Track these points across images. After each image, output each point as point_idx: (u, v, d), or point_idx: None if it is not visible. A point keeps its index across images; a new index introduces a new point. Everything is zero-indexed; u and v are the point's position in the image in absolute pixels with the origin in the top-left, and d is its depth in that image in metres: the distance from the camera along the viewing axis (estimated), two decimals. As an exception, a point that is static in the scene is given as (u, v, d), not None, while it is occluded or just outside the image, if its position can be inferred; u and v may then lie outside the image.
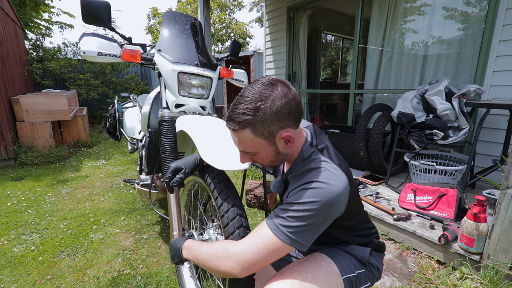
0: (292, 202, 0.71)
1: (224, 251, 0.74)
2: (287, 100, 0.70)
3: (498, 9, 2.21)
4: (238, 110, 0.70)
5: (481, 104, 1.99)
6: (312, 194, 0.69)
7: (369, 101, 3.56)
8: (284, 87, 0.71)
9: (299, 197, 0.70)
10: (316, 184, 0.70)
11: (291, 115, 0.71)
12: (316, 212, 0.68)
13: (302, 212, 0.69)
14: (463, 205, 1.78)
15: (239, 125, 0.70)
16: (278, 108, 0.69)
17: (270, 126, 0.70)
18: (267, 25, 4.65)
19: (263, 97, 0.69)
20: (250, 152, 0.76)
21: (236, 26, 12.76)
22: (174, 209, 1.12)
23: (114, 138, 2.66)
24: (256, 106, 0.68)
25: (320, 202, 0.68)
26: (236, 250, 0.71)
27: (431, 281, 1.45)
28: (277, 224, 0.70)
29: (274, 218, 0.72)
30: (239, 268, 0.70)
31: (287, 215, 0.70)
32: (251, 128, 0.70)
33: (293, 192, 0.74)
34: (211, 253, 0.76)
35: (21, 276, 1.54)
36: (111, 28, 1.22)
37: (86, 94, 6.19)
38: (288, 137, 0.73)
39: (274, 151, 0.76)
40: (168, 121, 1.28)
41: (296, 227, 0.69)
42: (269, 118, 0.69)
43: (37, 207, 2.41)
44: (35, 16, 7.24)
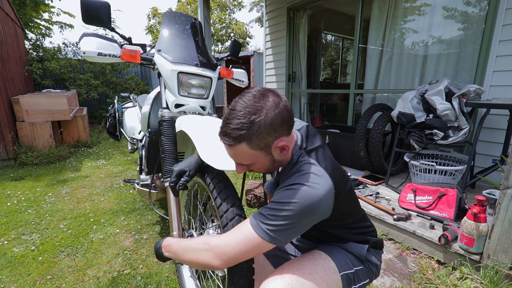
0: (274, 201, 0.73)
1: (204, 244, 0.75)
2: (279, 110, 0.71)
3: (498, 9, 2.21)
4: (232, 125, 0.70)
5: (481, 104, 1.99)
6: (291, 195, 0.70)
7: (369, 101, 3.56)
8: (275, 97, 0.72)
9: (280, 197, 0.72)
10: (297, 186, 0.71)
11: (284, 124, 0.72)
12: (294, 213, 0.69)
13: (281, 211, 0.70)
14: (463, 205, 1.78)
15: (235, 140, 0.71)
16: (272, 119, 0.69)
17: (265, 138, 0.71)
18: (267, 25, 4.65)
19: (256, 110, 0.69)
20: (247, 164, 0.78)
21: (236, 26, 12.76)
22: (174, 209, 1.12)
23: (114, 138, 2.66)
24: (250, 120, 0.69)
25: (299, 204, 0.69)
26: (217, 242, 0.73)
27: (431, 281, 1.45)
28: (258, 221, 0.72)
29: (257, 215, 0.74)
30: (218, 260, 0.72)
31: (268, 213, 0.72)
32: (247, 142, 0.71)
33: (277, 192, 0.76)
34: (191, 245, 0.78)
35: (21, 276, 1.54)
36: (111, 28, 1.22)
37: (86, 94, 6.19)
38: (283, 146, 0.75)
39: (270, 160, 0.77)
40: (168, 121, 1.28)
41: (275, 226, 0.70)
42: (264, 131, 0.70)
43: (37, 207, 2.41)
44: (35, 16, 7.25)
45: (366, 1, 3.16)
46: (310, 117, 4.76)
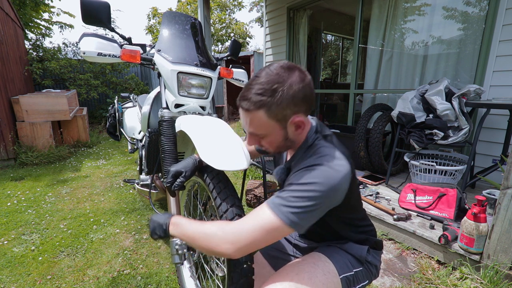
0: (295, 183, 0.70)
1: (218, 230, 0.70)
2: (303, 85, 0.70)
3: (498, 9, 2.21)
4: (254, 90, 0.69)
5: (481, 104, 1.99)
6: (315, 175, 0.68)
7: (369, 101, 3.56)
8: (301, 73, 0.71)
9: (302, 177, 0.69)
10: (319, 167, 0.70)
11: (305, 101, 0.72)
12: (319, 194, 0.67)
13: (304, 192, 0.67)
14: (463, 205, 1.78)
15: (254, 105, 0.69)
16: (294, 92, 0.69)
17: (285, 109, 0.70)
18: (267, 25, 4.65)
19: (280, 79, 0.68)
20: (260, 134, 0.75)
21: (236, 26, 12.76)
22: (174, 209, 1.12)
23: (114, 138, 2.66)
24: (273, 88, 0.68)
25: (323, 184, 0.67)
26: (232, 229, 0.69)
27: (431, 281, 1.45)
28: (277, 204, 0.68)
29: (275, 199, 0.70)
30: (233, 248, 0.67)
31: (289, 195, 0.68)
32: (265, 110, 0.69)
33: (295, 174, 0.73)
34: (203, 231, 0.73)
35: (21, 276, 1.54)
36: (111, 28, 1.22)
37: (86, 94, 6.19)
38: (299, 122, 0.74)
39: (283, 136, 0.76)
40: (168, 121, 1.28)
41: (298, 207, 0.67)
42: (285, 102, 0.69)
43: (37, 207, 2.41)
44: (35, 16, 7.25)
45: (366, 1, 3.17)
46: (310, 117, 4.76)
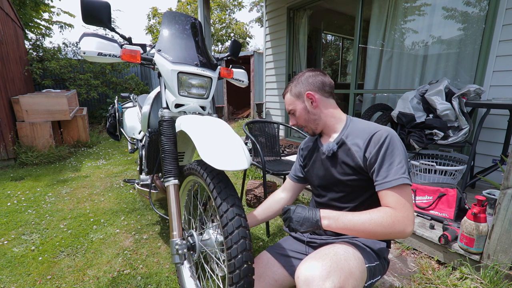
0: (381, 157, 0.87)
1: (392, 218, 0.81)
2: (314, 76, 1.04)
3: (498, 9, 2.21)
4: (289, 83, 1.11)
5: (481, 104, 1.99)
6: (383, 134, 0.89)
7: (369, 101, 3.56)
8: (316, 72, 1.06)
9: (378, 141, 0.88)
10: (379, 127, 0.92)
11: (314, 83, 1.03)
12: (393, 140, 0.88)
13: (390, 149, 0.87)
14: (463, 205, 1.78)
15: (285, 91, 1.11)
16: (306, 77, 1.05)
17: (299, 88, 1.05)
18: (267, 25, 4.65)
19: (299, 76, 1.08)
20: (291, 110, 1.08)
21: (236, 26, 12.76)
22: (174, 209, 1.12)
23: (114, 138, 2.66)
24: (294, 78, 1.09)
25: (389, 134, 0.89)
26: (403, 214, 0.82)
27: (431, 281, 1.45)
28: (398, 177, 0.84)
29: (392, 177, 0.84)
30: (411, 225, 0.82)
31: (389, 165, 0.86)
32: (289, 91, 1.08)
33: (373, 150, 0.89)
34: (378, 221, 0.82)
35: (21, 276, 1.54)
36: (111, 28, 1.21)
37: (86, 94, 6.19)
38: (310, 96, 1.02)
39: (305, 109, 1.04)
40: (168, 121, 1.28)
41: (402, 163, 0.86)
42: (299, 85, 1.05)
43: (37, 207, 2.41)
44: (35, 16, 7.24)
45: (366, 1, 3.17)
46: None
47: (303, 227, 0.87)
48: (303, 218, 0.88)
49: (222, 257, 1.09)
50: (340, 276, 0.72)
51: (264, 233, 1.97)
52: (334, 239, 0.99)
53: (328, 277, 0.71)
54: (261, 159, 1.86)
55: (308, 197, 2.53)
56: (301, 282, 0.74)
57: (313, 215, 0.88)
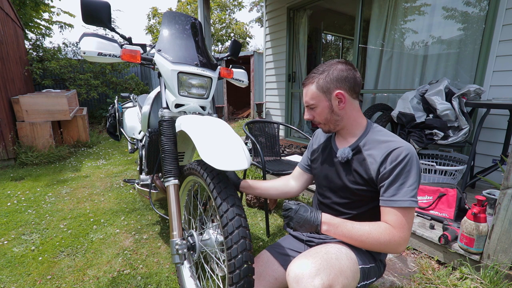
0: (394, 174, 0.85)
1: (390, 236, 0.82)
2: (347, 71, 0.92)
3: (498, 9, 2.21)
4: (311, 73, 0.98)
5: (481, 104, 1.99)
6: (403, 152, 0.85)
7: (369, 101, 3.56)
8: (349, 65, 0.94)
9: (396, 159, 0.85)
10: (400, 143, 0.88)
11: (347, 81, 0.92)
12: (411, 161, 0.85)
13: (407, 169, 0.84)
14: (463, 205, 1.78)
15: (308, 80, 0.97)
16: (338, 73, 0.92)
17: (328, 84, 0.93)
18: (267, 25, 4.65)
19: (329, 67, 0.94)
20: (312, 104, 0.97)
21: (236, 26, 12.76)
22: (174, 209, 1.12)
23: (114, 138, 2.66)
24: (323, 70, 0.95)
25: (410, 153, 0.86)
26: (401, 235, 0.83)
27: (431, 281, 1.45)
28: (406, 199, 0.83)
29: (403, 195, 0.83)
30: (404, 246, 0.84)
31: (407, 185, 0.84)
32: (315, 83, 0.95)
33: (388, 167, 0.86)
34: (373, 237, 0.83)
35: (21, 276, 1.54)
36: (111, 28, 1.21)
37: (86, 94, 6.19)
38: (340, 95, 0.92)
39: (329, 108, 0.95)
40: (168, 121, 1.28)
41: (414, 185, 0.84)
42: (328, 78, 0.93)
43: (37, 207, 2.41)
44: (35, 16, 7.24)
45: (366, 1, 3.17)
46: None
47: (302, 229, 0.88)
48: (304, 220, 0.87)
49: (222, 257, 1.09)
50: (329, 274, 0.73)
51: (264, 233, 1.97)
52: (332, 239, 0.99)
53: (317, 274, 0.72)
54: (261, 159, 1.86)
55: (309, 197, 2.53)
56: (291, 279, 0.75)
57: (314, 219, 0.87)
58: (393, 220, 0.84)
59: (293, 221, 0.88)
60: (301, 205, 0.91)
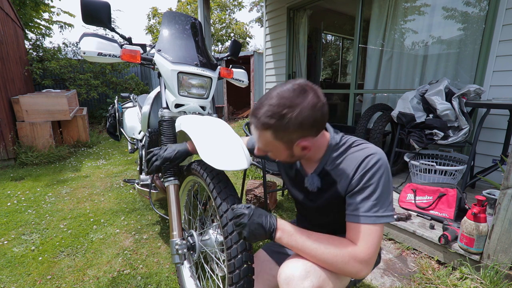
0: (361, 186, 0.75)
1: (350, 257, 0.72)
2: (314, 111, 0.70)
3: (498, 9, 2.21)
4: (264, 110, 0.71)
5: (481, 104, 1.99)
6: (371, 162, 0.75)
7: (369, 101, 3.56)
8: (315, 97, 0.70)
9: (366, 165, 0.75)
10: (372, 149, 0.77)
11: (314, 126, 0.72)
12: (381, 169, 0.75)
13: (374, 179, 0.74)
14: (463, 205, 1.78)
15: (262, 125, 0.72)
16: (303, 119, 0.69)
17: (291, 134, 0.72)
18: (267, 25, 4.65)
19: (292, 104, 0.68)
20: (265, 150, 0.80)
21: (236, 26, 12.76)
22: (174, 209, 1.12)
23: (114, 138, 2.66)
24: (282, 113, 0.69)
25: (381, 159, 0.75)
26: (363, 256, 0.72)
27: (431, 281, 1.45)
28: (370, 215, 0.73)
29: (365, 210, 0.74)
30: (368, 270, 0.73)
31: (371, 199, 0.74)
32: (272, 131, 0.72)
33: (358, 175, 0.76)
34: (334, 254, 0.72)
35: (21, 276, 1.54)
36: (111, 28, 1.22)
37: (86, 94, 6.19)
38: (306, 146, 0.76)
39: (289, 154, 0.79)
40: (168, 121, 1.28)
41: (380, 198, 0.74)
42: (291, 127, 0.70)
43: (37, 207, 2.41)
44: (35, 16, 7.24)
45: (366, 1, 3.17)
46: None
47: (256, 238, 0.76)
48: (257, 226, 0.75)
49: (222, 257, 1.09)
50: (319, 276, 0.73)
51: (264, 233, 1.97)
52: None
53: (307, 276, 0.72)
54: (261, 159, 1.86)
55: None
56: (281, 281, 0.75)
57: (269, 225, 0.76)
58: (356, 239, 0.73)
59: (246, 229, 0.75)
60: (255, 209, 0.78)
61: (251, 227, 0.75)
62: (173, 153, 1.11)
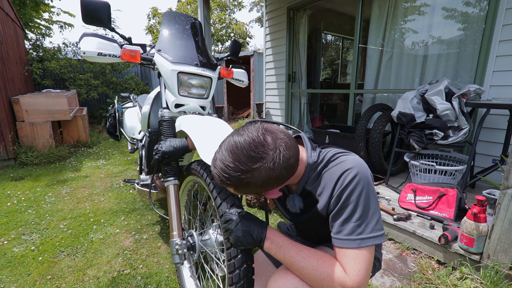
0: (341, 206, 0.70)
1: (338, 284, 0.67)
2: (275, 171, 0.65)
3: (498, 9, 2.21)
4: (219, 168, 0.66)
5: (481, 104, 1.99)
6: (351, 173, 0.69)
7: (369, 101, 3.56)
8: (275, 154, 0.64)
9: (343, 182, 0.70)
10: (349, 163, 0.71)
11: (280, 180, 0.69)
12: (360, 184, 0.68)
13: (352, 197, 0.68)
14: (463, 205, 1.78)
15: (222, 182, 0.68)
16: (264, 180, 0.66)
17: (256, 190, 0.69)
18: (267, 25, 4.65)
19: (248, 169, 0.64)
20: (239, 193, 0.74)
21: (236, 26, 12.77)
22: (174, 209, 1.12)
23: (114, 138, 2.66)
24: (240, 177, 0.65)
25: (359, 173, 0.69)
26: (351, 285, 0.66)
27: (431, 281, 1.45)
28: (353, 238, 0.68)
29: (346, 235, 0.68)
30: None
31: (352, 221, 0.68)
32: (233, 189, 0.69)
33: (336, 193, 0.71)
34: (321, 277, 0.68)
35: (21, 276, 1.54)
36: (111, 28, 1.22)
37: (86, 94, 6.19)
38: (271, 194, 0.76)
39: (259, 194, 0.78)
40: (168, 121, 1.28)
41: (362, 218, 0.68)
42: (253, 188, 0.67)
43: (37, 207, 2.41)
44: (35, 16, 7.25)
45: (366, 1, 3.17)
46: (310, 117, 4.76)
47: (243, 245, 0.75)
48: (244, 233, 0.74)
49: (222, 257, 1.09)
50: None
51: (264, 233, 1.97)
52: (326, 243, 0.96)
53: None
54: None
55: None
56: None
57: (258, 233, 0.74)
58: (344, 264, 0.68)
59: (233, 235, 0.74)
60: (244, 215, 0.77)
61: (237, 234, 0.74)
62: (171, 148, 1.13)
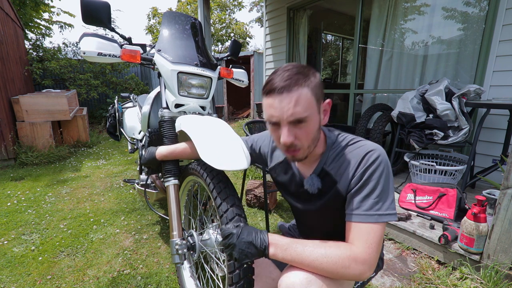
0: (361, 183, 0.74)
1: (350, 260, 0.69)
2: (320, 81, 0.75)
3: (498, 9, 2.21)
4: (286, 74, 0.69)
5: (481, 104, 1.99)
6: (375, 153, 0.74)
7: (369, 101, 3.56)
8: (315, 71, 0.76)
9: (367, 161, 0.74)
10: (372, 146, 0.76)
11: (323, 90, 0.76)
12: (382, 165, 0.73)
13: (374, 175, 0.72)
14: (463, 205, 1.78)
15: (297, 83, 0.69)
16: (319, 79, 0.74)
17: (319, 89, 0.73)
18: (267, 25, 4.65)
19: (305, 71, 0.72)
20: (303, 117, 0.70)
21: (236, 26, 12.77)
22: (174, 209, 1.12)
23: (114, 138, 2.66)
24: (305, 72, 0.71)
25: (381, 155, 0.74)
26: (365, 257, 0.69)
27: (431, 281, 1.45)
28: (372, 213, 0.71)
29: (365, 211, 0.72)
30: (371, 270, 0.70)
31: (371, 197, 0.72)
32: (308, 85, 0.70)
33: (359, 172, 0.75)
34: (334, 260, 0.69)
35: (21, 276, 1.54)
36: (111, 28, 1.22)
37: (86, 94, 6.19)
38: (326, 106, 0.79)
39: (318, 122, 0.75)
40: (168, 121, 1.28)
41: (381, 196, 0.72)
42: (318, 82, 0.73)
43: (37, 207, 2.41)
44: (35, 16, 7.25)
45: (366, 1, 3.16)
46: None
47: (248, 258, 0.73)
48: (248, 245, 0.73)
49: (222, 257, 1.09)
50: (322, 285, 0.71)
51: (264, 233, 1.97)
52: None
53: (308, 285, 0.71)
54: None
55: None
56: None
57: (261, 241, 0.73)
58: (357, 239, 0.71)
59: (236, 249, 0.73)
60: (243, 227, 0.76)
61: (241, 247, 0.73)
62: (148, 157, 1.21)
